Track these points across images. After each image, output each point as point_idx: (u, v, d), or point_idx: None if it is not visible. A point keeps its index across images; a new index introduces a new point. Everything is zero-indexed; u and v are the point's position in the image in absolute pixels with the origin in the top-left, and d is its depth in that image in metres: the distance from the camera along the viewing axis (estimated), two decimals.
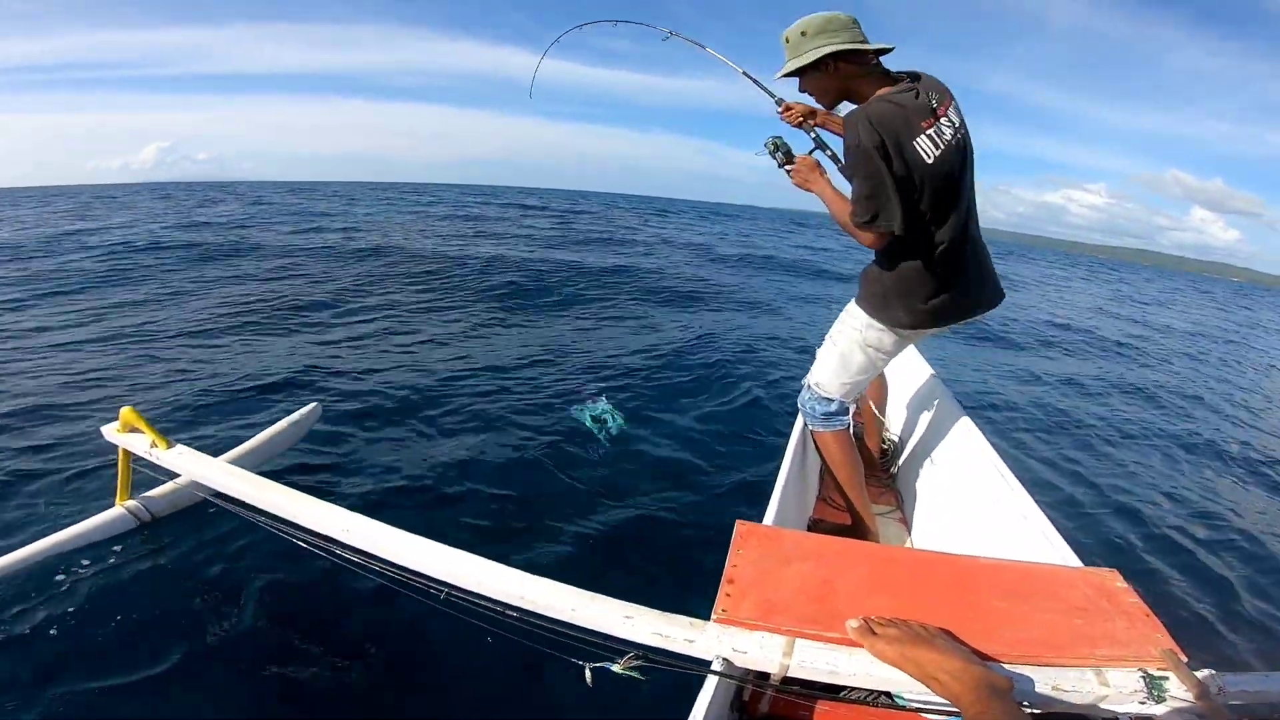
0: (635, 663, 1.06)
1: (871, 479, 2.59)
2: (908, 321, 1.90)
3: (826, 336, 2.12)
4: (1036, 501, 1.76)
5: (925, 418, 2.71)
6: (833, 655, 1.04)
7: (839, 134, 2.12)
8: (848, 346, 2.02)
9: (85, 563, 2.20)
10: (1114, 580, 1.24)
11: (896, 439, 2.88)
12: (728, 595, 1.16)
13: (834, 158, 2.09)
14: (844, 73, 1.75)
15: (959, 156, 1.73)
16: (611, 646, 1.09)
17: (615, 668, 1.07)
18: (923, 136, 1.65)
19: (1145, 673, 1.00)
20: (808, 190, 1.96)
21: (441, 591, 1.24)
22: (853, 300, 2.05)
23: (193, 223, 14.71)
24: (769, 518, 1.63)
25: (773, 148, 2.08)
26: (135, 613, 2.05)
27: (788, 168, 2.03)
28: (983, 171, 1.92)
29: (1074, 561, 1.49)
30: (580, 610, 1.20)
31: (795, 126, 2.19)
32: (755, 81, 2.35)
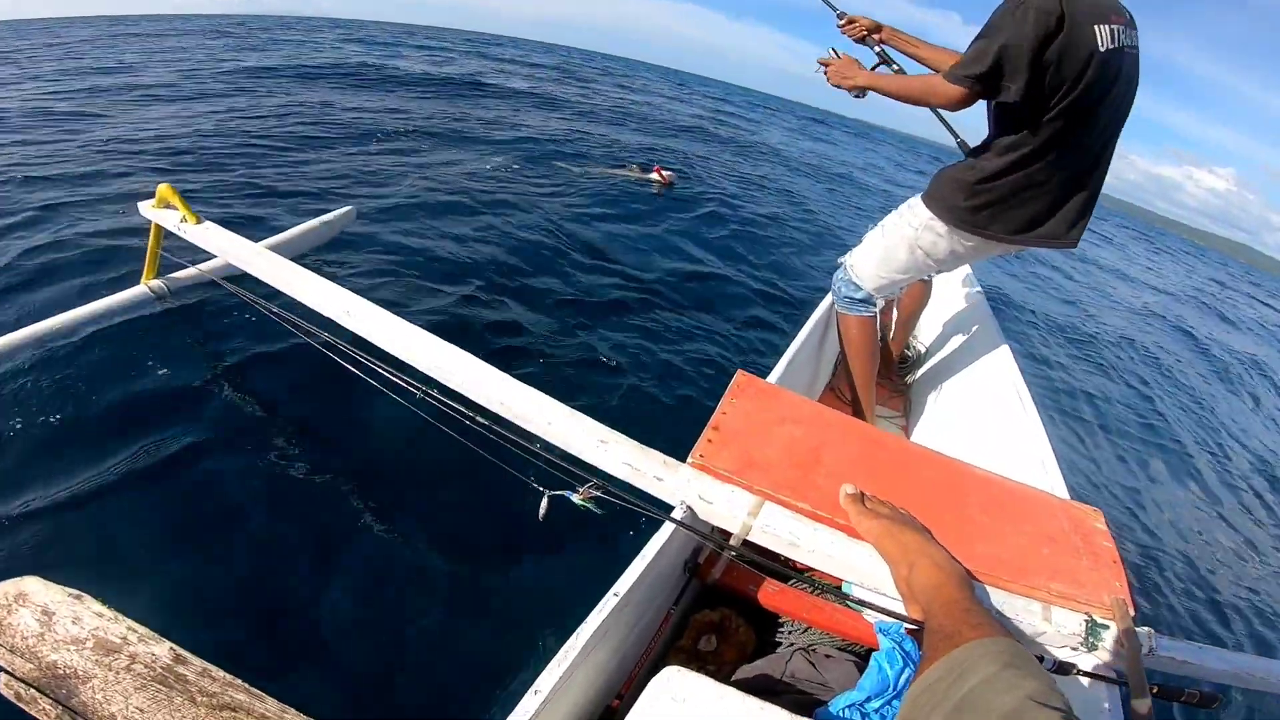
0: (595, 493, 1.04)
1: (884, 380, 2.51)
2: (978, 226, 1.72)
3: (879, 223, 1.96)
4: (1046, 430, 1.68)
5: (958, 333, 2.58)
6: (797, 526, 1.02)
7: (906, 52, 2.02)
8: (896, 240, 1.88)
9: (105, 336, 2.31)
10: (1095, 519, 1.19)
11: (923, 349, 2.76)
12: (709, 441, 1.12)
13: (899, 72, 2.03)
14: None
15: (1130, 71, 1.56)
16: (576, 475, 1.07)
17: (575, 498, 1.05)
18: (1108, 26, 1.47)
19: (1090, 619, 0.97)
20: (848, 86, 1.83)
21: (418, 391, 1.22)
22: (918, 195, 1.86)
23: None
24: (774, 376, 1.58)
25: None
26: (139, 384, 2.21)
27: (822, 70, 1.90)
28: None
29: (1063, 493, 1.43)
30: (556, 425, 1.16)
31: (858, 42, 2.09)
32: None
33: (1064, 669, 0.91)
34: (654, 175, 6.40)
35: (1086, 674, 0.92)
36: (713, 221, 5.79)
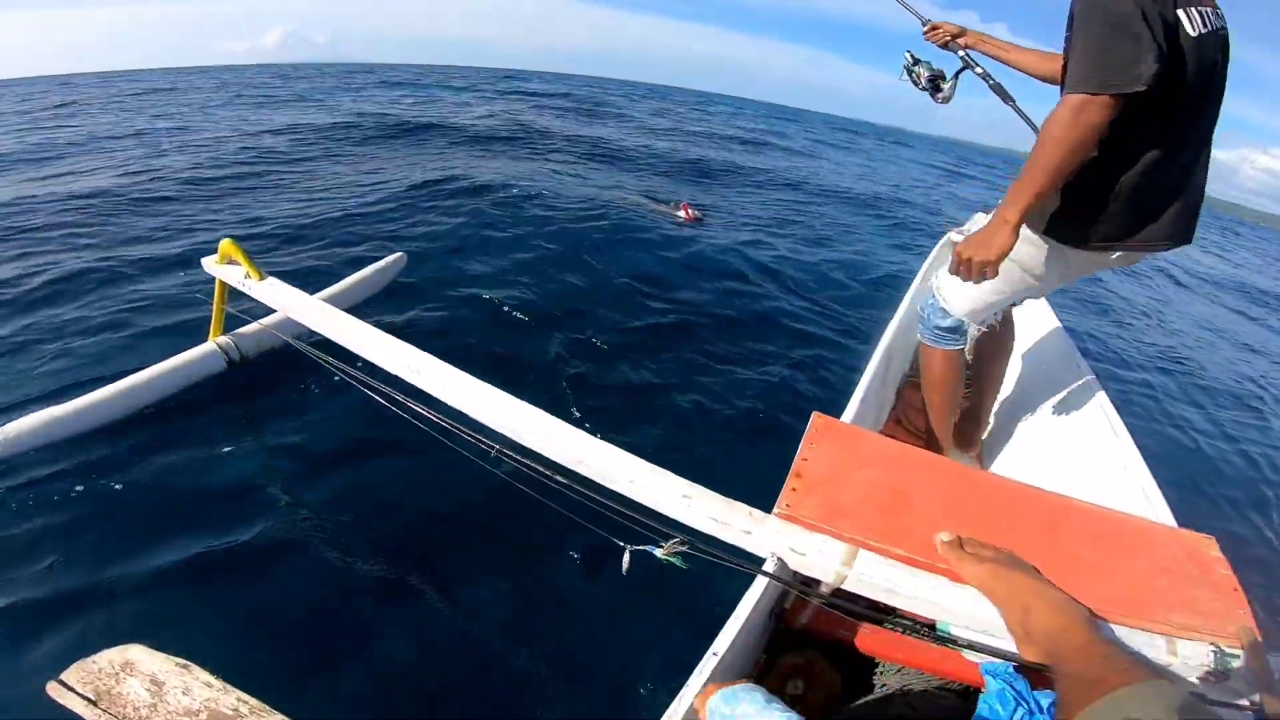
0: (680, 548, 1.02)
1: None
2: (1080, 239, 1.51)
3: (964, 233, 1.79)
4: (1144, 455, 1.60)
5: (1032, 354, 2.47)
6: (894, 572, 0.98)
7: (994, 56, 1.93)
8: None
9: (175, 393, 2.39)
10: (1209, 548, 1.12)
11: None
12: (793, 490, 1.10)
13: (984, 76, 2.00)
14: None
15: (1221, 55, 1.40)
16: (659, 530, 1.05)
17: (658, 552, 1.02)
18: (1193, 9, 1.33)
19: (1217, 648, 0.92)
20: (1002, 248, 1.45)
21: (493, 449, 1.22)
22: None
23: None
24: (848, 415, 1.55)
25: (914, 70, 2.08)
26: (209, 445, 2.27)
27: (908, 78, 2.04)
28: None
29: (1170, 522, 1.35)
30: (639, 481, 1.15)
31: (941, 48, 2.04)
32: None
33: None
34: (681, 213, 6.65)
35: (1219, 703, 0.88)
36: (760, 253, 5.77)
